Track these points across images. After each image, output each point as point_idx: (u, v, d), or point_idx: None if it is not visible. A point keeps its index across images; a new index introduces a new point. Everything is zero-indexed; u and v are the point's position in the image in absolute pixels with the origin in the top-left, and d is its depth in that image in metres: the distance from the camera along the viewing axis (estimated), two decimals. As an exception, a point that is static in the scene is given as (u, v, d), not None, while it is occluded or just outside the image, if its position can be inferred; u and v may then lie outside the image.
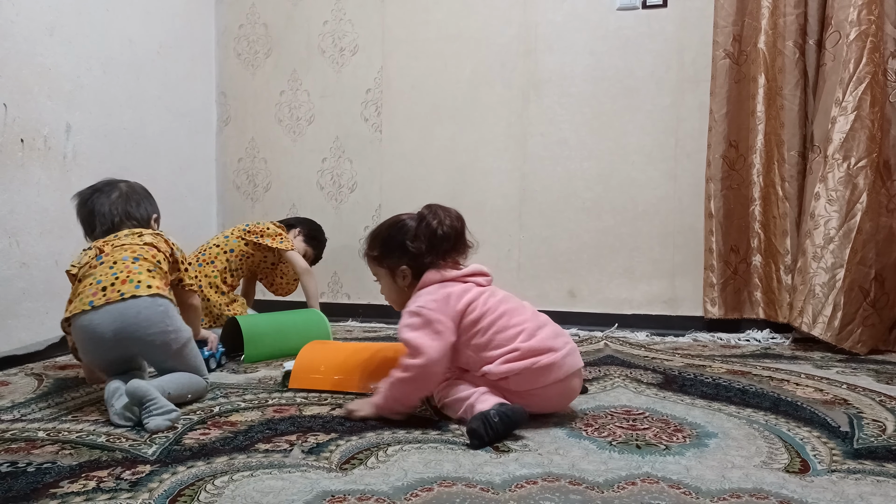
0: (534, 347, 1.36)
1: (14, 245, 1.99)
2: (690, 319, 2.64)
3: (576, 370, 1.40)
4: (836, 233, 2.23)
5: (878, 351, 2.25)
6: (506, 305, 1.41)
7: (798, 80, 2.41)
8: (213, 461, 1.15)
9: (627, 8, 2.67)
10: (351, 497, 1.00)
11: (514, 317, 1.39)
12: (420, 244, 1.45)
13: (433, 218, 1.46)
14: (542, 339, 1.37)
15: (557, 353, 1.36)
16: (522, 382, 1.36)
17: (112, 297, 1.48)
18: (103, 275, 1.53)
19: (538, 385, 1.36)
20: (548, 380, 1.36)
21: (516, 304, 1.44)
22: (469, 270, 1.47)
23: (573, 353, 1.40)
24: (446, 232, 1.45)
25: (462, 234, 1.48)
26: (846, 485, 1.06)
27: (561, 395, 1.42)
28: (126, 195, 1.75)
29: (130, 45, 2.49)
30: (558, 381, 1.37)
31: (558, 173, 2.78)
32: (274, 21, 3.07)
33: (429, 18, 2.89)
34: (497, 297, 1.43)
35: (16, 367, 1.92)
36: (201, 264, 2.31)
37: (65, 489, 1.03)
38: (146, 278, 1.53)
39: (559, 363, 1.36)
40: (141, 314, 1.47)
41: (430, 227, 1.45)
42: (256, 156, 3.12)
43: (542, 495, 1.01)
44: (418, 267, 1.47)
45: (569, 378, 1.39)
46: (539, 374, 1.35)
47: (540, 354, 1.35)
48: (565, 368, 1.37)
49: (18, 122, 1.99)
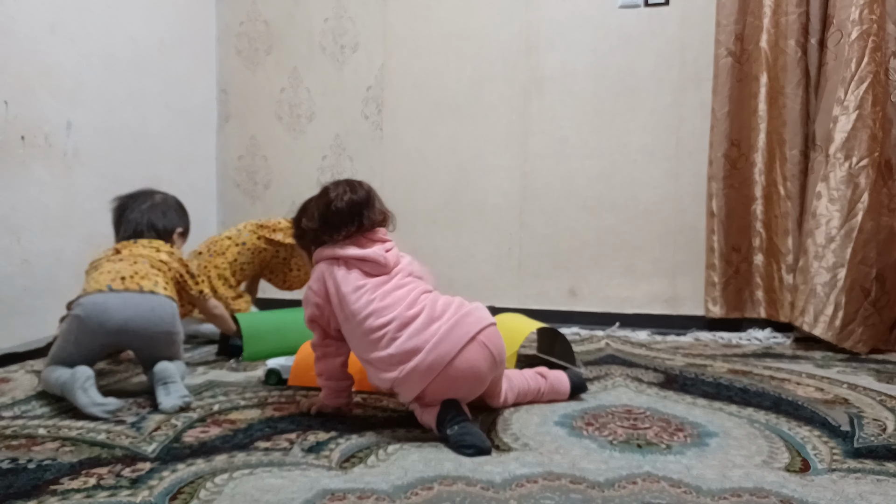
0: (393, 355, 1.26)
1: (15, 242, 1.99)
2: (692, 318, 2.64)
3: (456, 352, 1.25)
4: (837, 232, 2.23)
5: (879, 350, 2.25)
6: (376, 304, 1.30)
7: (800, 79, 2.41)
8: (213, 459, 1.15)
9: (629, 6, 2.67)
10: (351, 496, 1.00)
11: (379, 317, 1.29)
12: (312, 223, 1.40)
13: (332, 192, 1.40)
14: (404, 341, 1.26)
15: (419, 354, 1.24)
16: (405, 392, 1.29)
17: (131, 286, 1.57)
18: (123, 268, 1.62)
19: (422, 386, 1.26)
20: (427, 379, 1.25)
21: (391, 298, 1.31)
22: (361, 255, 1.36)
23: (447, 336, 1.26)
24: (339, 207, 1.37)
25: (361, 209, 1.39)
26: (846, 484, 1.06)
27: (458, 381, 1.27)
28: (155, 206, 1.86)
29: (132, 43, 2.49)
30: (441, 372, 1.24)
31: (560, 171, 2.77)
32: (275, 18, 3.06)
33: (430, 16, 2.89)
34: (375, 292, 1.31)
35: (17, 364, 1.92)
36: (211, 255, 2.30)
37: (65, 486, 1.03)
38: (163, 282, 1.66)
39: (424, 364, 1.24)
40: (155, 311, 1.56)
41: (324, 201, 1.39)
42: (257, 153, 3.12)
43: (542, 494, 1.01)
44: (315, 241, 1.42)
45: (452, 365, 1.25)
46: (411, 380, 1.26)
47: (402, 363, 1.25)
48: (437, 361, 1.24)
49: (20, 120, 1.99)
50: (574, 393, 1.56)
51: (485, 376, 1.32)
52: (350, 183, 1.43)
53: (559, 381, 1.56)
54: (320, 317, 1.40)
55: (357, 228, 1.39)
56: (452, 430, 1.22)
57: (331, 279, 1.36)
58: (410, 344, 1.26)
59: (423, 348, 1.25)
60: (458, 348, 1.26)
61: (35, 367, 1.88)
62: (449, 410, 1.25)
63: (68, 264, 2.18)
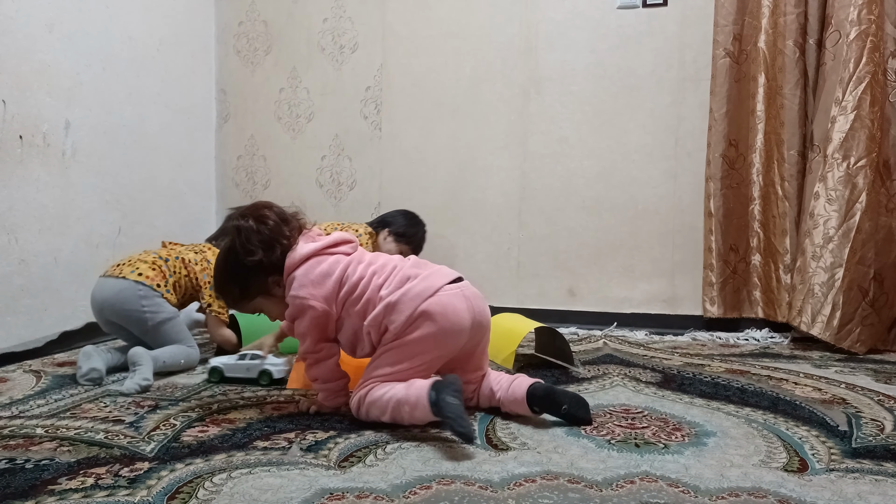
0: (390, 288, 1.36)
1: (13, 242, 1.99)
2: (689, 318, 2.64)
3: (443, 283, 1.36)
4: (835, 232, 2.23)
5: (877, 350, 2.25)
6: (373, 266, 1.41)
7: (798, 80, 2.41)
8: (212, 458, 1.15)
9: (628, 6, 2.67)
10: (349, 495, 1.00)
11: (380, 276, 1.39)
12: (256, 256, 1.38)
13: (247, 222, 1.39)
14: (400, 275, 1.38)
15: (413, 280, 1.37)
16: (397, 314, 1.33)
17: (112, 272, 1.84)
18: (129, 258, 1.89)
19: (413, 307, 1.32)
20: (417, 301, 1.33)
21: (382, 263, 1.43)
22: (333, 240, 1.43)
23: (434, 274, 1.39)
24: (271, 227, 1.40)
25: (284, 216, 1.43)
26: (844, 484, 1.06)
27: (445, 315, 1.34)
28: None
29: (130, 42, 2.49)
30: (430, 300, 1.33)
31: (558, 171, 2.77)
32: (274, 18, 3.06)
33: (429, 15, 2.89)
34: (364, 261, 1.42)
35: (14, 363, 1.92)
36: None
37: (63, 486, 1.03)
38: (145, 268, 1.83)
39: (416, 288, 1.35)
40: (121, 293, 1.79)
41: (253, 232, 1.38)
42: (256, 153, 3.11)
43: (540, 493, 1.01)
44: (275, 267, 1.40)
45: (440, 293, 1.35)
46: (404, 301, 1.33)
47: (398, 288, 1.36)
48: (427, 287, 1.35)
49: (17, 119, 1.99)
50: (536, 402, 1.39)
51: (464, 320, 1.37)
52: (246, 212, 1.42)
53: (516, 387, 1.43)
54: (325, 321, 1.38)
55: (298, 229, 1.44)
56: (448, 400, 1.22)
57: (330, 270, 1.38)
58: (408, 272, 1.39)
59: (417, 276, 1.38)
60: (446, 281, 1.38)
61: (33, 367, 1.87)
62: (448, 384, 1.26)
63: (66, 264, 2.18)
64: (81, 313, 2.24)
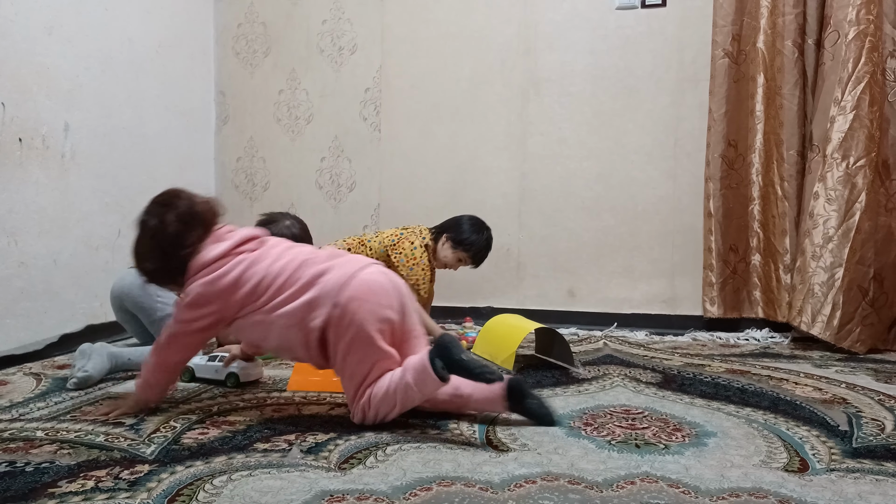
0: (302, 285, 1.34)
1: (12, 244, 1.99)
2: (690, 318, 2.64)
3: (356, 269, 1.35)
4: (834, 232, 2.23)
5: (877, 350, 2.25)
6: (277, 264, 1.37)
7: (797, 80, 2.41)
8: (212, 461, 1.15)
9: (627, 7, 2.67)
10: (350, 497, 1.00)
11: (280, 276, 1.36)
12: (148, 265, 1.41)
13: (152, 220, 1.39)
14: (311, 271, 1.36)
15: (326, 274, 1.35)
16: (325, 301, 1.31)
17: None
18: None
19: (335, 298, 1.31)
20: (336, 292, 1.32)
21: (285, 259, 1.39)
22: (237, 240, 1.41)
23: (346, 263, 1.38)
24: (170, 234, 1.38)
25: (189, 217, 1.40)
26: (845, 484, 1.06)
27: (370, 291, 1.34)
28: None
29: (129, 44, 2.49)
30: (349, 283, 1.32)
31: (558, 172, 2.77)
32: (273, 20, 3.06)
33: (428, 17, 2.89)
34: (268, 258, 1.39)
35: (14, 366, 1.92)
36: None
37: (63, 489, 1.03)
38: None
39: (332, 280, 1.33)
40: (125, 279, 1.88)
41: (148, 238, 1.39)
42: (255, 155, 3.11)
43: (541, 495, 1.01)
44: (172, 275, 1.42)
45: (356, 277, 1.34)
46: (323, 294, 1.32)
47: (311, 286, 1.34)
48: (342, 275, 1.34)
49: (17, 122, 1.99)
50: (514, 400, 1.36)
51: (389, 289, 1.37)
52: (164, 199, 1.42)
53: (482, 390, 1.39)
54: (201, 317, 1.38)
55: (204, 231, 1.41)
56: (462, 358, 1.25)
57: (229, 272, 1.36)
58: (319, 268, 1.37)
59: (330, 269, 1.36)
60: (358, 268, 1.37)
61: (33, 370, 1.87)
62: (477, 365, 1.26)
63: (65, 266, 2.18)
64: (81, 315, 2.24)
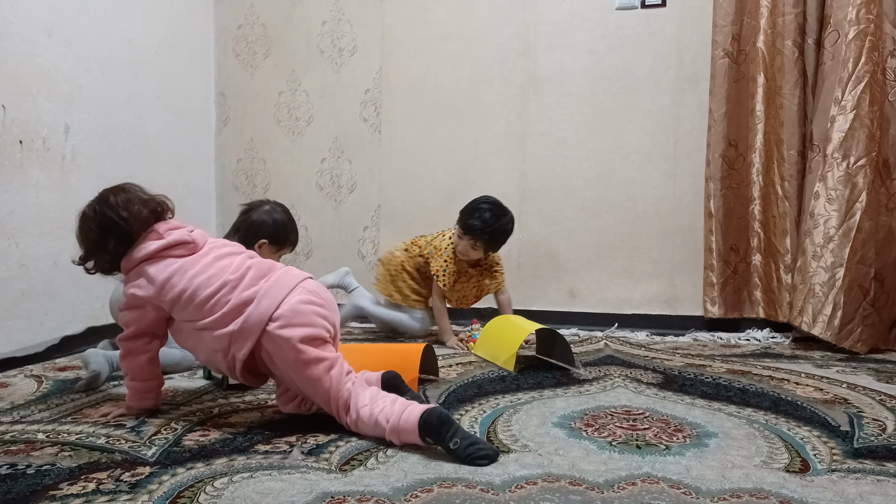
0: (227, 312, 1.32)
1: (13, 246, 1.99)
2: (690, 319, 2.64)
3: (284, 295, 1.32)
4: (835, 232, 2.23)
5: (878, 350, 2.25)
6: (200, 278, 1.34)
7: (797, 80, 2.41)
8: (213, 463, 1.15)
9: (626, 7, 2.67)
10: (351, 498, 1.00)
11: (206, 288, 1.33)
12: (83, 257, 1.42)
13: (89, 210, 1.41)
14: (237, 296, 1.32)
15: (251, 304, 1.31)
16: (241, 343, 1.30)
17: None
18: None
19: (257, 333, 1.29)
20: (260, 325, 1.29)
21: (214, 269, 1.36)
22: (168, 243, 1.38)
23: (274, 286, 1.34)
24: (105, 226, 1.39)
25: (126, 214, 1.39)
26: (846, 484, 1.06)
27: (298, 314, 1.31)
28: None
29: (129, 46, 2.49)
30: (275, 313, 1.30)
31: (558, 172, 2.77)
32: (273, 21, 3.07)
33: (428, 17, 2.89)
34: (195, 268, 1.36)
35: (15, 368, 1.92)
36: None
37: (64, 491, 1.03)
38: None
39: (257, 312, 1.30)
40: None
41: (85, 229, 1.41)
42: (255, 156, 3.12)
43: (542, 496, 1.01)
44: (107, 267, 1.43)
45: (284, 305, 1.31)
46: (247, 328, 1.30)
47: (237, 315, 1.31)
48: (270, 305, 1.30)
49: (17, 123, 1.99)
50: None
51: (317, 308, 1.34)
52: (104, 197, 1.43)
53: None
54: (143, 315, 1.38)
55: (141, 227, 1.41)
56: (455, 443, 1.15)
57: (156, 275, 1.36)
58: (243, 296, 1.32)
59: (254, 298, 1.32)
60: (287, 292, 1.33)
61: (34, 372, 1.87)
62: (432, 418, 1.18)
63: (66, 268, 2.18)
64: (82, 317, 2.24)
